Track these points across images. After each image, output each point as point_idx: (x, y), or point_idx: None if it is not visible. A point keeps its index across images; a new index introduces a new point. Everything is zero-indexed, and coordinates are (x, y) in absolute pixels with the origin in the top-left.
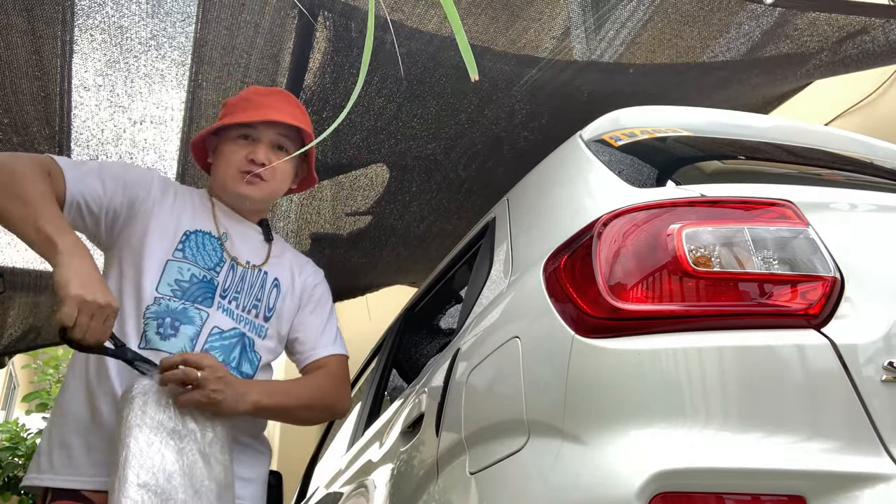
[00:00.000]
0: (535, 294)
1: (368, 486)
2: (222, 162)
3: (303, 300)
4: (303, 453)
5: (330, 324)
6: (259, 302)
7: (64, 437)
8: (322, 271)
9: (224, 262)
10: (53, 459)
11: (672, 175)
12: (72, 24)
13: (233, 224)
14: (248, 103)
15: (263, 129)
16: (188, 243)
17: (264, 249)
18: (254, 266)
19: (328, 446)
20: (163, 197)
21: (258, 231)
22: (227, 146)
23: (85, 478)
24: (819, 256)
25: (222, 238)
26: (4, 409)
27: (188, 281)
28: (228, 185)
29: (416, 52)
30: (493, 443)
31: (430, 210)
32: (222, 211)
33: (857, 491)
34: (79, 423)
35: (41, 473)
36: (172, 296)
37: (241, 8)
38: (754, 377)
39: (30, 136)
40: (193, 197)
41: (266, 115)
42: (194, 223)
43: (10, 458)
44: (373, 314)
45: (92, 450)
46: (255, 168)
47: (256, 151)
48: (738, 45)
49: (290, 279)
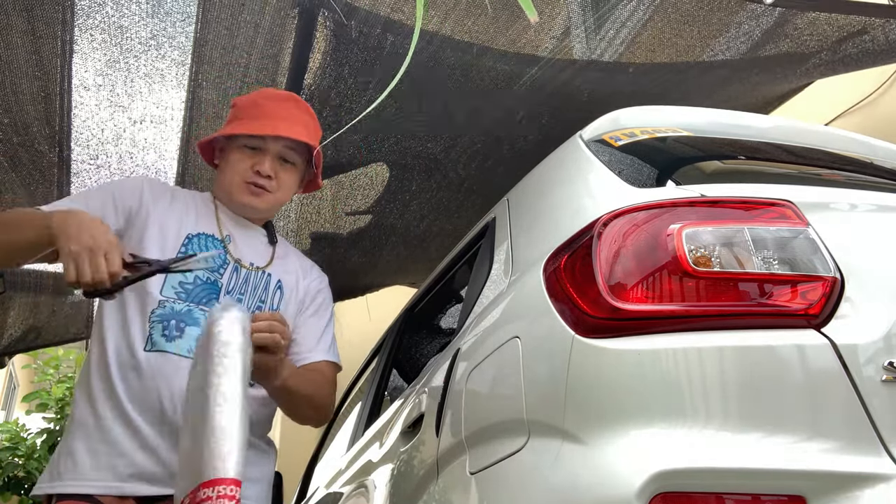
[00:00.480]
0: (535, 294)
1: (368, 487)
2: (228, 169)
3: (305, 302)
4: (303, 453)
5: (328, 330)
6: (263, 303)
7: (70, 444)
8: (326, 277)
9: (228, 264)
10: (60, 468)
11: (672, 175)
12: (72, 24)
13: (236, 227)
14: (259, 110)
15: (271, 141)
16: (191, 245)
17: (268, 252)
18: (257, 268)
19: (328, 446)
20: (156, 201)
21: (262, 234)
22: (233, 154)
23: (89, 482)
24: (819, 256)
25: (225, 241)
26: (4, 409)
27: (192, 283)
28: (233, 194)
29: (417, 52)
30: (493, 443)
31: (430, 209)
32: (226, 214)
33: (857, 491)
34: (83, 429)
35: (51, 482)
36: (177, 298)
37: (241, 8)
38: (754, 377)
39: (30, 136)
40: (196, 200)
41: (276, 130)
42: (197, 226)
43: (10, 458)
44: (373, 314)
45: (95, 454)
46: (259, 179)
47: (263, 163)
48: (738, 45)
49: (293, 281)
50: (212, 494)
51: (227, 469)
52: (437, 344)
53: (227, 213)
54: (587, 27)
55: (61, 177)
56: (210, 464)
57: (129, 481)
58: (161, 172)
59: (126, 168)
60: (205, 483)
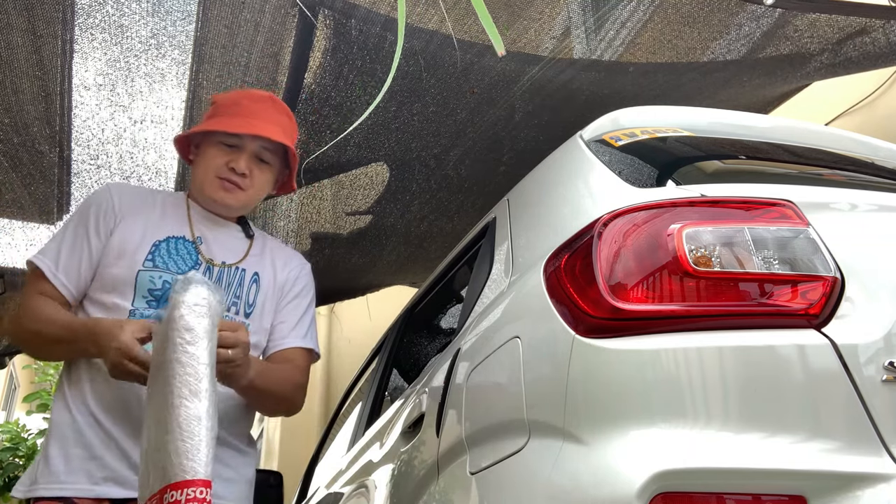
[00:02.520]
0: (535, 294)
1: (369, 487)
2: (202, 164)
3: (285, 290)
4: (303, 453)
5: (305, 317)
6: (238, 299)
7: (47, 449)
8: (309, 265)
9: (199, 265)
10: (36, 472)
11: (672, 175)
12: (72, 24)
13: (209, 226)
14: (238, 108)
15: (248, 140)
16: (158, 252)
17: (243, 247)
18: (230, 265)
19: (329, 446)
20: (124, 208)
21: (237, 229)
22: (209, 149)
23: (63, 485)
24: (819, 256)
25: (197, 241)
26: (5, 409)
27: (160, 289)
28: (206, 188)
29: (418, 51)
30: (493, 443)
31: (430, 209)
32: (198, 213)
33: (857, 491)
34: (59, 433)
35: (29, 486)
36: (147, 306)
37: (242, 6)
38: (755, 377)
39: (30, 136)
40: (166, 202)
41: (253, 129)
42: (166, 230)
43: (10, 459)
44: (373, 314)
45: (69, 458)
46: (233, 176)
47: (238, 160)
48: (739, 47)
49: (271, 272)
50: (180, 498)
51: (195, 469)
52: (437, 344)
53: (199, 211)
54: (587, 28)
55: (62, 177)
56: (176, 464)
57: (103, 484)
58: (161, 172)
59: (126, 168)
60: (172, 485)
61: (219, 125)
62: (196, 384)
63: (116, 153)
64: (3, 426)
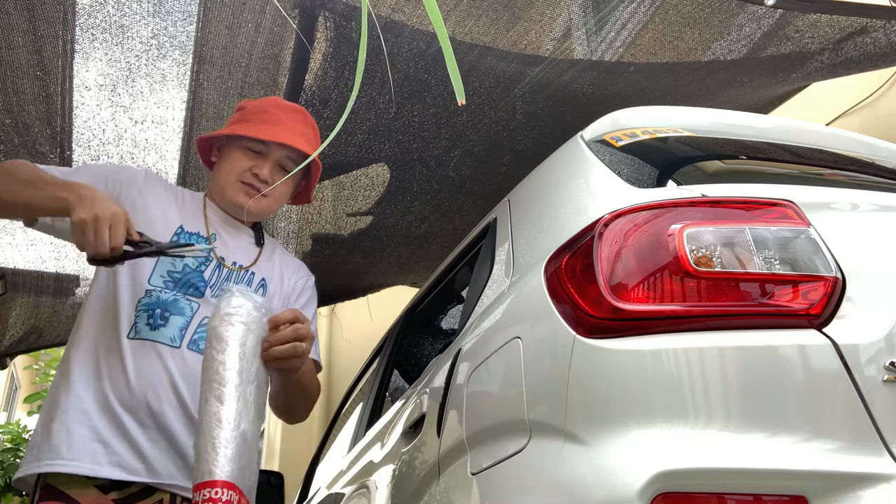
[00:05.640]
0: (536, 294)
1: (370, 487)
2: (225, 167)
3: (290, 299)
4: (304, 454)
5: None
6: None
7: (48, 425)
8: (313, 277)
9: (210, 261)
10: (39, 449)
11: (673, 175)
12: (73, 24)
13: (223, 226)
14: (267, 116)
15: (275, 148)
16: (182, 237)
17: (254, 252)
18: (240, 267)
19: (330, 447)
20: (152, 189)
21: (250, 234)
22: (234, 153)
23: (66, 462)
24: (820, 256)
25: (211, 238)
26: (6, 410)
27: (180, 272)
28: (227, 191)
29: (418, 53)
30: (494, 443)
31: (431, 210)
32: (214, 213)
33: (858, 491)
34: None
35: (30, 463)
36: (164, 287)
37: (242, 7)
38: (756, 377)
39: (31, 137)
40: (185, 197)
41: (281, 137)
42: (185, 222)
43: (11, 460)
44: (374, 315)
45: (72, 436)
46: (256, 182)
47: (262, 167)
48: (739, 47)
49: (279, 280)
50: (198, 499)
51: (212, 471)
52: (438, 344)
53: (215, 211)
54: (588, 29)
55: None
56: (198, 466)
57: (107, 466)
58: (162, 173)
59: None
60: (195, 486)
61: (247, 130)
62: (220, 389)
63: (117, 154)
64: (5, 427)
